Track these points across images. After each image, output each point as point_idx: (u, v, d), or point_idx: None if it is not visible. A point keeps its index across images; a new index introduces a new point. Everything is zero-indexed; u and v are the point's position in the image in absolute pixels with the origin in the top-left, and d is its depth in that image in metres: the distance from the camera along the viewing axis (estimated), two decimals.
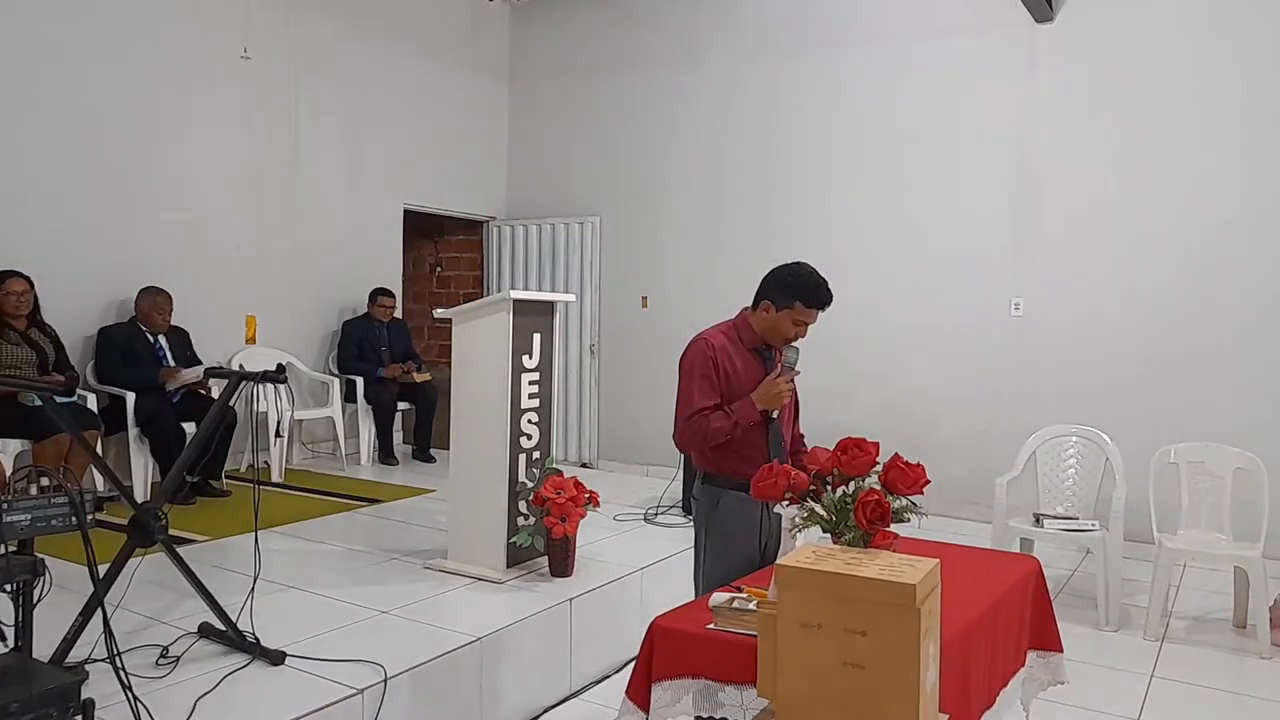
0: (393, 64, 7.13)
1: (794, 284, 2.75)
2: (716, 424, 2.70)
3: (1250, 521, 4.30)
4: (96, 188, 5.39)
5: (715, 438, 2.72)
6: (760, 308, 2.80)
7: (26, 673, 2.12)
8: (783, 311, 2.75)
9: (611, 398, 7.53)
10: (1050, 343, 5.82)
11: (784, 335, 2.78)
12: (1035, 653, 2.72)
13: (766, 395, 2.74)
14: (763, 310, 2.79)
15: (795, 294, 2.74)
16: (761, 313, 2.79)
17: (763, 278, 2.83)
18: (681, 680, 2.10)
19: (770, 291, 2.78)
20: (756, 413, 2.74)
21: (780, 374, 2.77)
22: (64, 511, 2.38)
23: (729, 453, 2.76)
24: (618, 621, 3.82)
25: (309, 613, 3.41)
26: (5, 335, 4.69)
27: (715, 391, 2.73)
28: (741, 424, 2.71)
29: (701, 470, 2.86)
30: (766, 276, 2.83)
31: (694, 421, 2.72)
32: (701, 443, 2.75)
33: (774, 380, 2.75)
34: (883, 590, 1.63)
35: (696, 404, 2.72)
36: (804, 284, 2.75)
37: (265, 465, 5.96)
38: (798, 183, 6.67)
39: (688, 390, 2.75)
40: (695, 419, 2.72)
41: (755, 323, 2.82)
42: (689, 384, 2.76)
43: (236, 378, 3.23)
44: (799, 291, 2.74)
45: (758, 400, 2.73)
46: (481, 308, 3.95)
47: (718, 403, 2.73)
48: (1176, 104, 5.45)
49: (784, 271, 2.80)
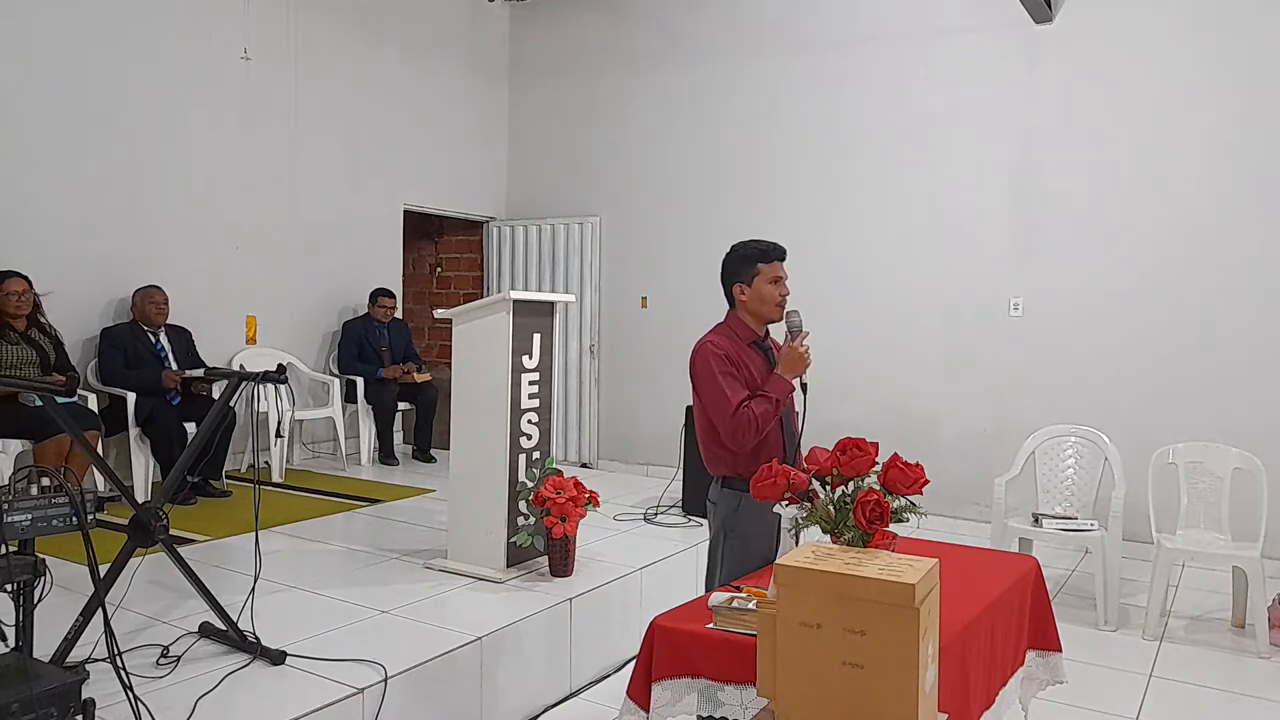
0: (393, 64, 7.13)
1: (743, 253, 2.85)
2: (761, 409, 2.72)
3: (1249, 521, 4.31)
4: (97, 188, 5.39)
5: (765, 422, 2.73)
6: (736, 296, 2.86)
7: (27, 672, 2.12)
8: (755, 281, 2.82)
9: (611, 398, 7.53)
10: (1050, 343, 5.83)
11: (772, 300, 2.83)
12: (1034, 652, 2.72)
13: (790, 362, 2.79)
14: (739, 295, 2.84)
15: (751, 259, 2.83)
16: (740, 299, 2.85)
17: (719, 278, 2.92)
18: (682, 680, 2.11)
19: (732, 277, 2.86)
20: (789, 384, 2.79)
21: (793, 338, 2.81)
22: (65, 512, 2.39)
23: (749, 454, 2.75)
24: (618, 621, 3.83)
25: (309, 612, 3.41)
26: (5, 335, 4.70)
27: (742, 384, 2.76)
28: (781, 400, 2.77)
29: (719, 475, 2.86)
30: (720, 272, 2.91)
31: (740, 415, 2.71)
32: (756, 433, 2.73)
33: (793, 347, 2.80)
34: (882, 590, 1.63)
35: (734, 399, 2.73)
36: (751, 248, 2.85)
37: (266, 465, 5.97)
38: (797, 183, 6.67)
39: (718, 391, 2.74)
40: (740, 413, 2.71)
41: (742, 313, 2.86)
42: (716, 386, 2.74)
43: (237, 378, 3.23)
44: (752, 256, 2.84)
45: (784, 370, 2.79)
46: (481, 308, 3.95)
47: (749, 393, 2.75)
48: (1176, 104, 5.46)
49: (728, 257, 2.89)
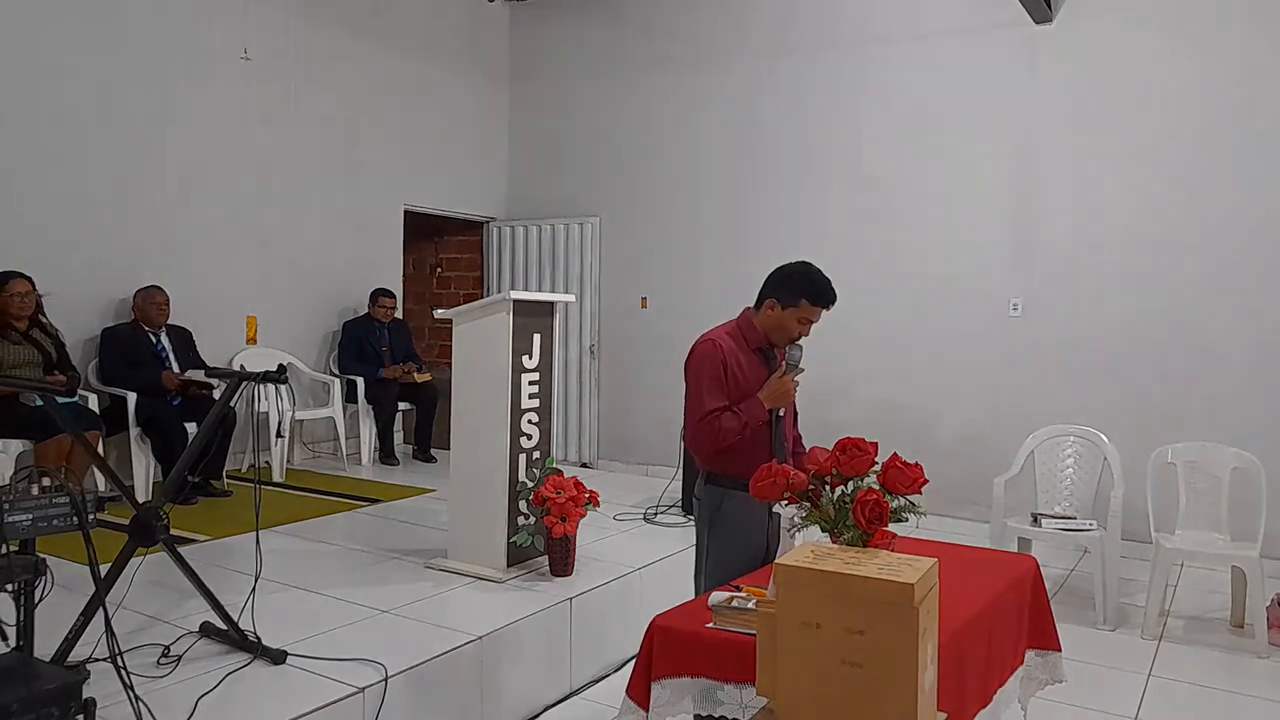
0: (393, 64, 7.13)
1: (800, 282, 2.76)
2: (728, 424, 2.71)
3: (1248, 521, 4.31)
4: (97, 189, 5.40)
5: (726, 438, 2.73)
6: (765, 306, 2.80)
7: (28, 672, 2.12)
8: (788, 310, 2.76)
9: (611, 398, 7.54)
10: (1049, 343, 5.83)
11: (788, 333, 2.79)
12: (1033, 652, 2.73)
13: (773, 394, 2.76)
14: (767, 308, 2.80)
15: (802, 292, 2.75)
16: (766, 310, 2.80)
17: (767, 275, 2.84)
18: (681, 679, 2.11)
19: (776, 289, 2.79)
20: (765, 412, 2.76)
21: (785, 373, 2.78)
22: (65, 511, 2.39)
23: (734, 453, 2.76)
24: (618, 621, 3.83)
25: (310, 612, 3.42)
26: (7, 336, 4.70)
27: (724, 392, 2.74)
28: (751, 424, 2.73)
29: (705, 470, 2.86)
30: (771, 274, 2.84)
31: (706, 423, 2.73)
32: (713, 444, 2.75)
33: (780, 379, 2.77)
34: (881, 589, 1.64)
35: (707, 406, 2.72)
36: (810, 283, 2.76)
37: (266, 465, 5.97)
38: (797, 183, 6.67)
39: (697, 392, 2.76)
40: (707, 420, 2.73)
41: (759, 321, 2.83)
42: (698, 386, 2.76)
43: (237, 378, 3.23)
44: (805, 290, 2.75)
45: (765, 399, 2.75)
46: (481, 308, 3.95)
47: (727, 404, 2.74)
48: (1175, 105, 5.46)
49: (790, 270, 2.81)
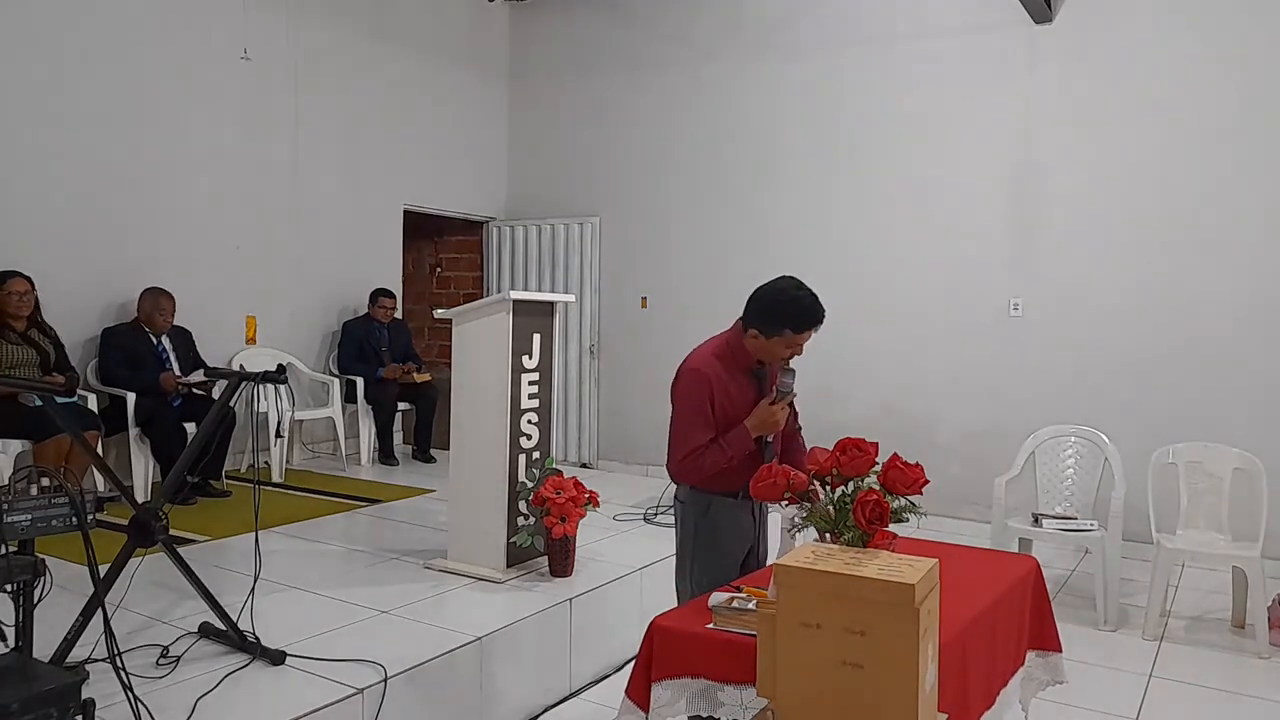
0: (392, 64, 7.13)
1: (778, 311, 2.61)
2: (712, 459, 2.62)
3: (1249, 521, 4.31)
4: (97, 188, 5.39)
5: (711, 471, 2.65)
6: (749, 334, 2.67)
7: (27, 673, 2.12)
8: (773, 339, 2.63)
9: (611, 398, 7.53)
10: (1050, 343, 5.83)
11: (778, 357, 2.68)
12: (1034, 652, 2.72)
13: (761, 422, 2.65)
14: (751, 336, 2.66)
15: (782, 322, 2.61)
16: (750, 337, 2.66)
17: (748, 299, 2.69)
18: (681, 680, 2.10)
19: (756, 320, 2.64)
20: (751, 441, 2.65)
21: (775, 399, 2.67)
22: (64, 512, 2.39)
23: (721, 473, 2.67)
24: (618, 621, 3.82)
25: (309, 613, 3.41)
26: (6, 335, 4.69)
27: (709, 425, 2.64)
28: (737, 456, 2.63)
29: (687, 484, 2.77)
30: (751, 298, 2.68)
31: (691, 459, 2.64)
32: (698, 478, 2.68)
33: (769, 407, 2.66)
34: (882, 590, 1.63)
35: (692, 441, 2.62)
36: (789, 310, 2.61)
37: (265, 465, 5.97)
38: (797, 183, 6.67)
39: (682, 426, 2.66)
40: (692, 456, 2.63)
41: (747, 344, 2.69)
42: (683, 419, 2.66)
43: (237, 378, 3.23)
44: (786, 319, 2.61)
45: (752, 428, 2.64)
46: (481, 308, 3.95)
47: (713, 436, 2.64)
48: (1175, 104, 5.46)
49: (767, 297, 2.64)
